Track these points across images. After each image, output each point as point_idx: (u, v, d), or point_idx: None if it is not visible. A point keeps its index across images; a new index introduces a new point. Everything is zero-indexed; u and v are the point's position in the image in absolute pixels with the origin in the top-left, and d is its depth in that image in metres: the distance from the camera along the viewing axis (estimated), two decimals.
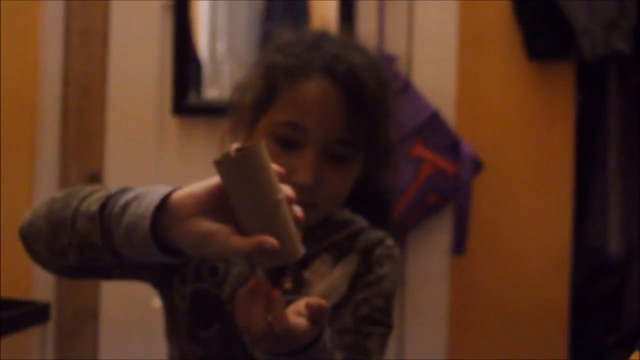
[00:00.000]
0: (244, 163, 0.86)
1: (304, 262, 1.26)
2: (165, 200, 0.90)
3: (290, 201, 0.90)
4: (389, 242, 1.32)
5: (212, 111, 2.48)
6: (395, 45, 2.46)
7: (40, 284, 2.57)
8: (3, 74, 2.40)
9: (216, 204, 0.89)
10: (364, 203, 1.38)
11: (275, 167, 0.89)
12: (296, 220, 0.90)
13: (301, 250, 0.91)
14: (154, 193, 0.92)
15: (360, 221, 1.33)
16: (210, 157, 1.30)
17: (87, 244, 0.97)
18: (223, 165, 0.87)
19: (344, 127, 1.20)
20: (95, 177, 2.65)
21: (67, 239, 0.99)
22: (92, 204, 0.97)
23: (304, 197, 1.17)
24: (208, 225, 0.87)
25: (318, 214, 1.23)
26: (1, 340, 1.71)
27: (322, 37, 1.27)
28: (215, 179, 0.89)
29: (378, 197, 1.41)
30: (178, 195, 0.90)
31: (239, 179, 0.87)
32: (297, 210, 0.91)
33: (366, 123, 1.21)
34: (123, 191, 0.96)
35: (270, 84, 1.24)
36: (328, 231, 1.29)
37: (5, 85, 2.42)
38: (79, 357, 2.65)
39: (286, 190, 0.90)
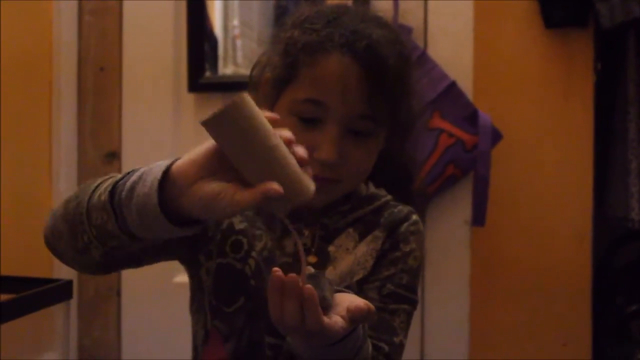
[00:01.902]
0: (229, 117, 0.86)
1: (329, 237, 1.26)
2: (167, 173, 0.90)
3: (289, 143, 0.89)
4: (415, 217, 1.31)
5: (228, 87, 2.47)
6: (411, 17, 2.44)
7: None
8: (18, 54, 2.40)
9: (217, 165, 0.89)
10: (386, 175, 1.37)
11: (267, 114, 0.88)
12: (300, 160, 0.89)
13: (311, 187, 0.90)
14: (155, 169, 0.92)
15: (384, 195, 1.33)
16: None
17: (105, 235, 0.97)
18: (210, 124, 0.86)
19: (366, 103, 1.18)
20: (112, 156, 2.65)
21: (86, 235, 0.99)
22: (102, 193, 0.97)
23: (327, 173, 1.18)
24: (213, 186, 0.87)
25: (343, 189, 1.23)
26: (25, 317, 1.72)
27: (341, 11, 1.25)
28: (210, 141, 0.89)
29: (400, 169, 1.40)
30: (178, 165, 0.91)
31: (229, 134, 0.86)
32: (300, 150, 0.90)
33: (388, 98, 1.20)
34: (128, 174, 0.97)
35: (290, 61, 1.22)
36: (353, 206, 1.29)
37: (20, 66, 2.42)
38: (102, 333, 2.67)
39: (284, 133, 0.89)
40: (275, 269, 0.96)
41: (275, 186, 0.85)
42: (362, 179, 1.28)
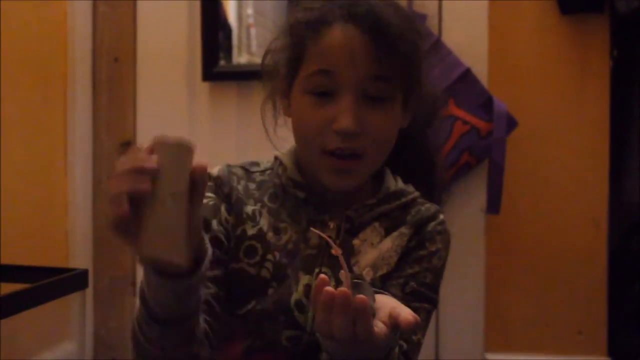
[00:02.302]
0: (175, 151, 0.90)
1: (354, 230, 1.25)
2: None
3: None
4: (442, 217, 1.30)
5: (242, 76, 2.47)
6: (425, 3, 2.43)
7: (79, 252, 2.59)
8: (33, 46, 2.41)
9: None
10: (410, 161, 1.37)
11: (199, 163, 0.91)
12: (194, 230, 0.93)
13: (183, 261, 0.91)
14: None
15: (412, 192, 1.31)
16: (241, 122, 1.30)
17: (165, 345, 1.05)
18: (159, 147, 0.90)
19: (374, 64, 1.17)
20: (127, 145, 2.65)
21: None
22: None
23: (349, 143, 1.17)
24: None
25: (367, 165, 1.21)
26: (41, 306, 1.73)
27: None
28: None
29: (423, 154, 1.40)
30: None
31: (165, 163, 0.89)
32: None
33: (395, 56, 1.18)
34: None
35: (296, 41, 1.23)
36: (380, 200, 1.28)
37: (35, 57, 2.42)
38: (117, 323, 2.68)
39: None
40: (322, 277, 0.95)
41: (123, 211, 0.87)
42: (386, 152, 1.24)
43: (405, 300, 1.20)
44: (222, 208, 1.26)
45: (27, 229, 2.37)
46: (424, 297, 1.25)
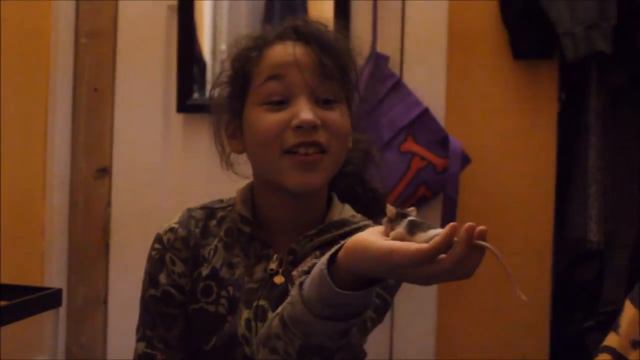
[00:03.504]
0: None
1: (297, 261, 1.23)
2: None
3: None
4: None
5: None
6: (387, 46, 2.46)
7: (53, 272, 2.58)
8: (14, 74, 2.41)
9: None
10: (359, 198, 1.36)
11: None
12: None
13: None
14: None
15: (357, 221, 1.27)
16: (212, 151, 1.32)
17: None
18: None
19: (318, 67, 1.19)
20: (104, 171, 2.66)
21: None
22: None
23: (312, 137, 1.17)
24: None
25: (331, 160, 1.20)
26: (17, 322, 1.72)
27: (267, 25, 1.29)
28: None
29: (371, 191, 1.39)
30: None
31: None
32: None
33: (334, 57, 1.21)
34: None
35: (241, 66, 1.24)
36: (320, 230, 1.25)
37: (17, 85, 2.43)
38: (88, 340, 2.67)
39: None
40: (452, 224, 0.89)
41: None
42: (344, 150, 1.24)
43: None
44: (169, 259, 1.27)
45: (6, 249, 2.36)
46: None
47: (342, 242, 0.98)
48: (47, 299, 1.83)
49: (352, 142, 1.31)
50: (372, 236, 0.95)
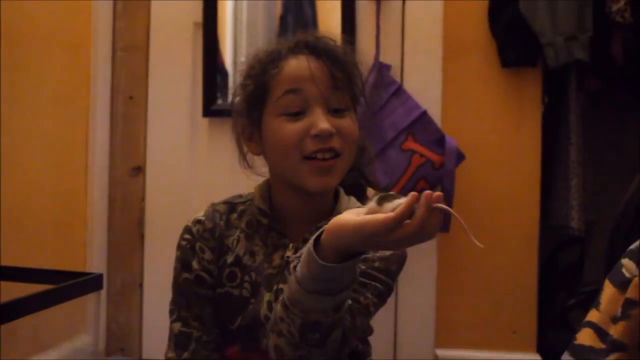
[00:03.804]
0: None
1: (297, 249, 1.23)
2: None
3: None
4: None
5: None
6: (390, 56, 2.45)
7: (95, 259, 2.59)
8: (59, 85, 2.41)
9: None
10: (363, 191, 1.36)
11: None
12: None
13: None
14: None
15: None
16: (235, 152, 1.31)
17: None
18: None
19: (330, 78, 1.19)
20: (138, 170, 2.65)
21: None
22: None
23: (328, 143, 1.17)
24: None
25: (344, 163, 1.20)
26: (63, 304, 1.72)
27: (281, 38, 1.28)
28: None
29: (371, 184, 1.37)
30: None
31: None
32: None
33: (343, 69, 1.21)
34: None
35: (260, 79, 1.23)
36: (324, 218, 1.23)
37: (61, 94, 2.43)
38: (127, 319, 2.67)
39: None
40: (413, 194, 0.94)
41: None
42: (354, 153, 1.24)
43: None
44: (198, 248, 1.26)
45: (53, 239, 2.37)
46: (373, 277, 1.18)
47: (325, 225, 1.01)
48: (89, 284, 1.83)
49: None
50: (348, 215, 0.99)
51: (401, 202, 0.95)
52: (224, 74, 2.65)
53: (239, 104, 1.27)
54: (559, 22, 2.33)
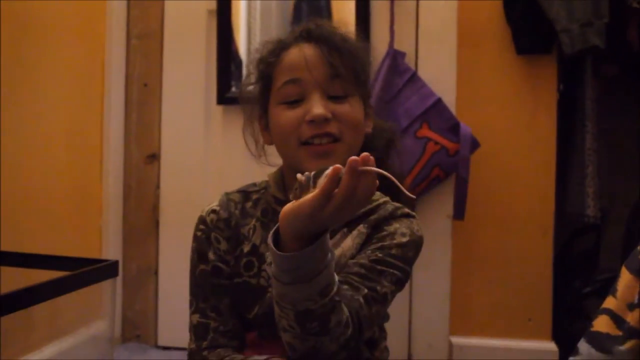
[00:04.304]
0: None
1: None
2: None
3: None
4: (398, 206, 1.26)
5: (250, 100, 2.48)
6: (404, 43, 2.45)
7: (110, 246, 2.60)
8: (74, 73, 2.42)
9: None
10: (381, 181, 1.35)
11: None
12: None
13: None
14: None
15: (380, 197, 1.26)
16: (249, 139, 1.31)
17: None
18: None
19: (327, 66, 1.19)
20: (153, 157, 2.66)
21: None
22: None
23: (323, 128, 1.17)
24: None
25: (344, 147, 1.19)
26: (79, 290, 1.73)
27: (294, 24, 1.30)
28: None
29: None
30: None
31: None
32: None
33: (342, 57, 1.21)
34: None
35: (264, 69, 1.25)
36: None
37: (76, 82, 2.43)
38: (142, 305, 2.68)
39: None
40: (335, 167, 0.94)
41: None
42: (358, 138, 1.23)
43: (371, 265, 1.17)
44: (214, 238, 1.26)
45: (69, 226, 2.38)
46: (390, 265, 1.18)
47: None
48: (104, 270, 1.84)
49: (377, 131, 1.32)
50: (289, 203, 1.00)
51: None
52: (238, 62, 2.65)
53: (250, 94, 1.29)
54: (575, 8, 2.31)
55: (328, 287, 1.03)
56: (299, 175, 0.99)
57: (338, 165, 0.94)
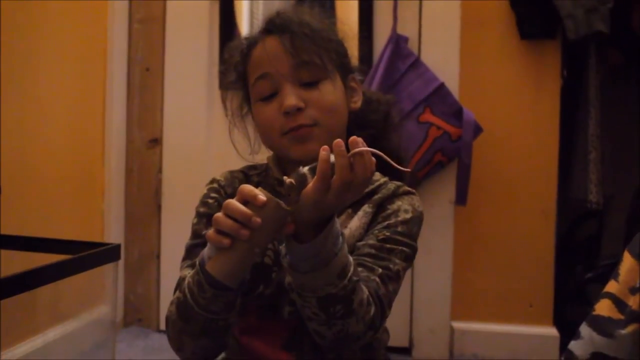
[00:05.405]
0: (271, 210, 1.02)
1: None
2: None
3: None
4: (399, 184, 1.27)
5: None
6: (407, 28, 2.44)
7: (112, 229, 2.60)
8: (76, 57, 2.41)
9: None
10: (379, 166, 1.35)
11: None
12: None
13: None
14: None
15: (380, 178, 1.27)
16: (250, 123, 1.31)
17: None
18: (269, 201, 1.02)
19: (294, 55, 1.19)
20: (155, 141, 2.66)
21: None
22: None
23: (299, 120, 1.17)
24: None
25: (324, 131, 1.19)
26: (81, 274, 1.73)
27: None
28: None
29: (392, 155, 1.37)
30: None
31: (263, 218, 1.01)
32: None
33: (309, 44, 1.20)
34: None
35: (239, 69, 1.26)
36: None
37: (78, 66, 2.43)
38: (144, 289, 2.69)
39: None
40: (325, 147, 0.97)
41: None
42: (337, 119, 1.22)
43: (380, 244, 1.18)
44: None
45: (70, 210, 2.38)
46: (399, 242, 1.19)
47: None
48: (106, 254, 1.83)
49: (373, 104, 1.33)
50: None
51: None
52: None
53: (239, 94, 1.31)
54: None
55: (345, 268, 1.05)
56: (285, 178, 1.01)
57: (325, 147, 0.97)
